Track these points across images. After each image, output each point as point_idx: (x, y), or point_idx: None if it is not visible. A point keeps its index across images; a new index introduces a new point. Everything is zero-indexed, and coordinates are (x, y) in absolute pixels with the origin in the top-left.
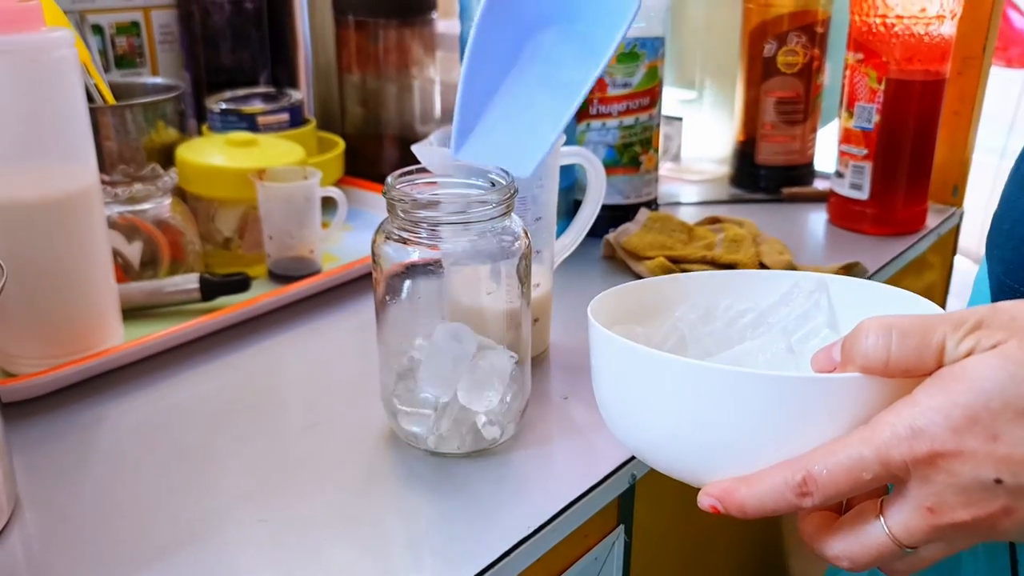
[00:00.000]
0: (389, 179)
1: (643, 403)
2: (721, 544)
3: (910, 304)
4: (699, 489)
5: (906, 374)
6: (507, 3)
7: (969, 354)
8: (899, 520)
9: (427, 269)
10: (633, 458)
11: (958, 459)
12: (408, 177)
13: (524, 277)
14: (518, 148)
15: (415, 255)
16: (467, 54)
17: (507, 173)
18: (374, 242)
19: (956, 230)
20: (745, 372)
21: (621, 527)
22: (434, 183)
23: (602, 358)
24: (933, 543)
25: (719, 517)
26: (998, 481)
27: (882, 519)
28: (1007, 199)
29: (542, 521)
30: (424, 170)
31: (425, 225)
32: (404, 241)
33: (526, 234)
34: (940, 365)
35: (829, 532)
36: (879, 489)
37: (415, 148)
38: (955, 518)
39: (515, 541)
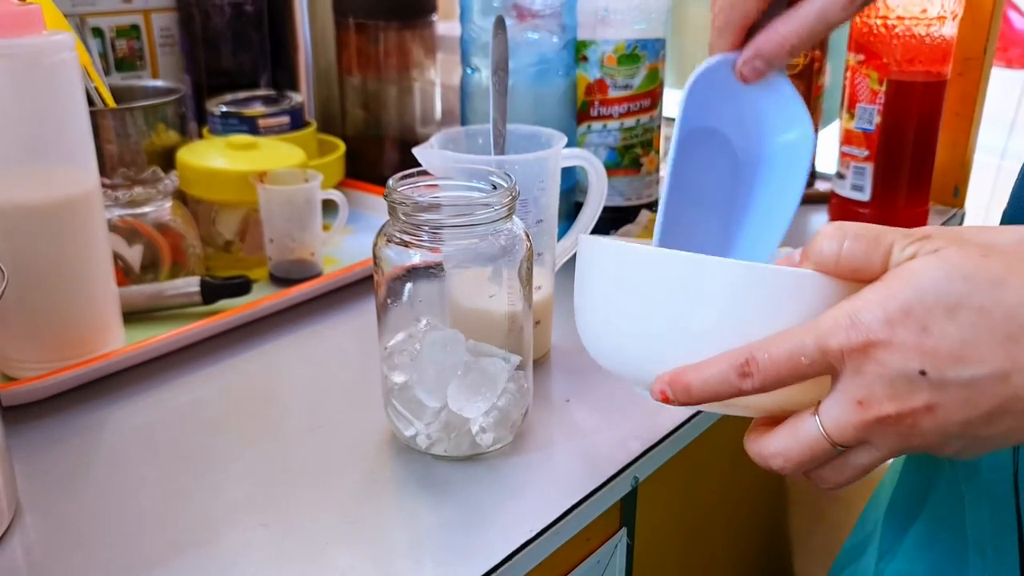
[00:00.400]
0: (390, 182)
1: (602, 295)
2: (723, 546)
3: None
4: (700, 493)
5: (855, 274)
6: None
7: (912, 258)
8: (832, 415)
9: (428, 272)
10: (635, 461)
11: (888, 349)
12: (409, 180)
13: (525, 279)
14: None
15: (416, 258)
16: (668, 178)
17: (508, 176)
18: (375, 245)
19: None
20: (700, 257)
21: (623, 530)
22: (435, 186)
23: (579, 261)
24: (863, 447)
25: (720, 518)
26: (923, 373)
27: (816, 416)
28: (1018, 198)
29: (544, 524)
30: (425, 172)
31: (426, 228)
32: (405, 244)
33: (527, 236)
34: (886, 267)
35: (768, 432)
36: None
37: (416, 151)
38: (882, 411)
39: (517, 544)
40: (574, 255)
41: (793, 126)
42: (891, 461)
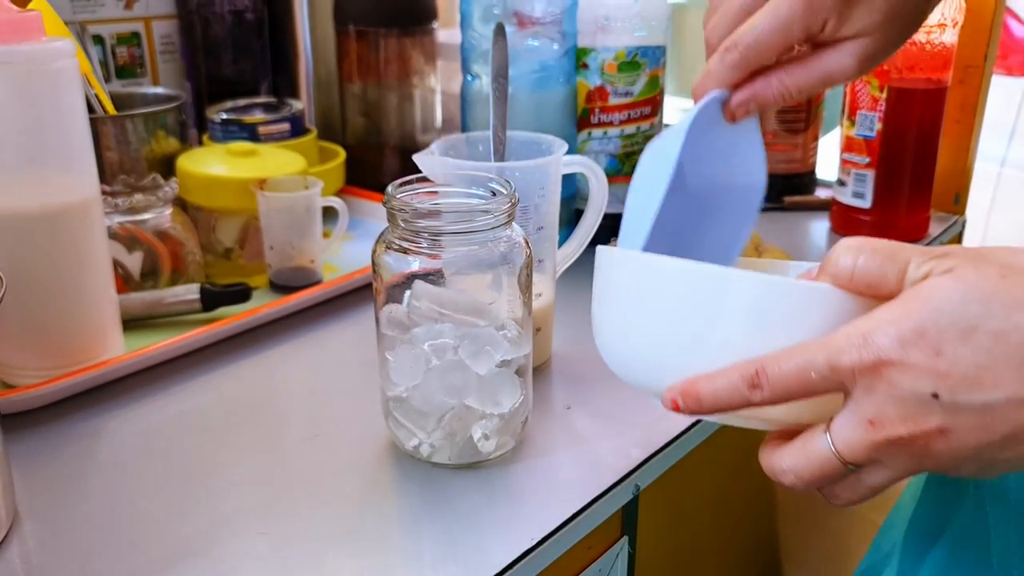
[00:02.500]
0: (389, 188)
1: (621, 305)
2: (724, 556)
3: None
4: (701, 501)
5: (870, 289)
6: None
7: (927, 276)
8: (843, 434)
9: (428, 279)
10: (637, 469)
11: (900, 369)
12: (409, 187)
13: (525, 286)
14: None
15: (416, 265)
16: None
17: (508, 182)
18: (374, 252)
19: (959, 238)
20: (721, 270)
21: (625, 538)
22: (435, 192)
23: (597, 271)
24: (874, 466)
25: (721, 528)
26: (935, 395)
27: (828, 434)
28: None
29: (545, 532)
30: (425, 179)
31: (426, 234)
32: (405, 251)
33: (527, 243)
34: (902, 284)
35: (780, 447)
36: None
37: (416, 158)
38: (893, 432)
39: (518, 553)
40: (575, 263)
41: (752, 171)
42: (910, 479)
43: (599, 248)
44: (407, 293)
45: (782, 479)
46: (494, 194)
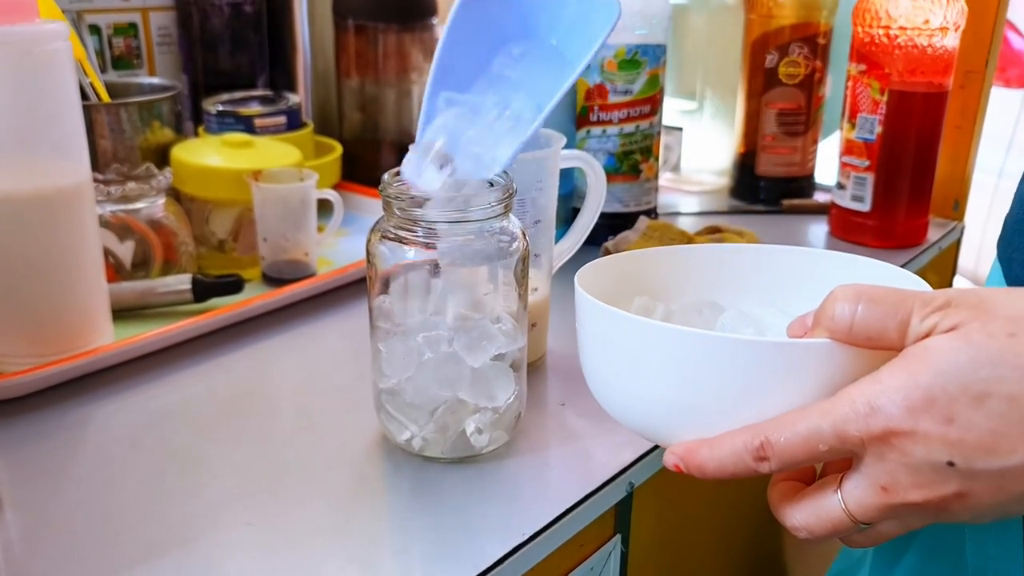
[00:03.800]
0: (386, 177)
1: (617, 364)
2: (718, 557)
3: (905, 282)
4: (695, 500)
5: (869, 342)
6: (476, 19)
7: (930, 332)
8: (854, 496)
9: (423, 269)
10: (631, 466)
11: (911, 439)
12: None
13: (521, 279)
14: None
15: (411, 254)
16: (433, 69)
17: (506, 174)
18: (369, 241)
19: (957, 245)
20: (711, 335)
21: (618, 536)
22: None
23: (582, 320)
24: (888, 520)
25: (715, 529)
26: (951, 464)
27: (839, 493)
28: (1023, 201)
29: (537, 528)
30: None
31: (422, 223)
32: (400, 240)
33: (524, 235)
34: (903, 338)
35: (791, 502)
36: (847, 461)
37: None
38: (907, 498)
39: (509, 548)
40: (572, 259)
41: None
42: None
43: (577, 289)
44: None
45: (795, 533)
46: (491, 185)
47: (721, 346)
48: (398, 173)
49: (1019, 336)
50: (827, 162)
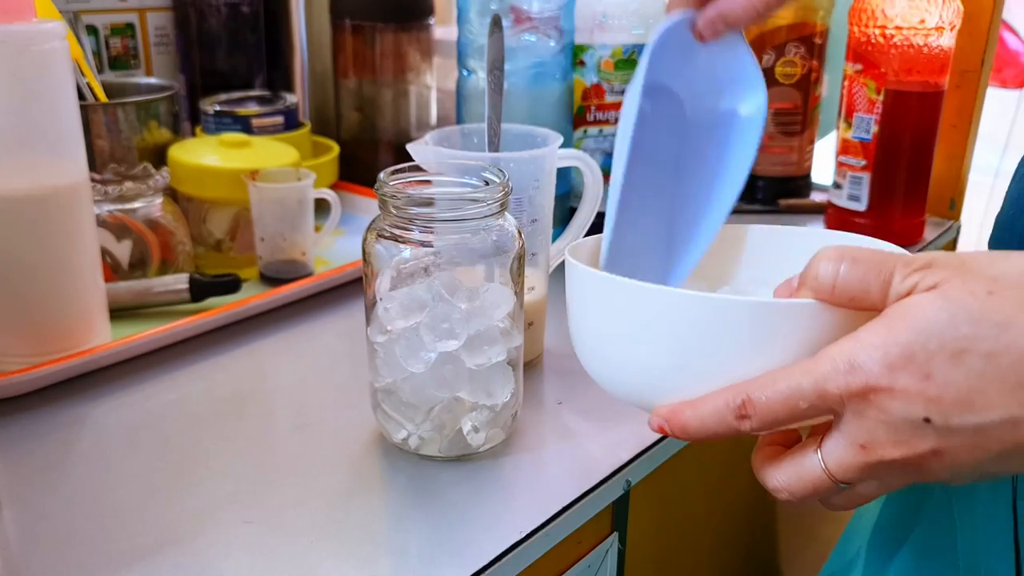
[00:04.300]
0: (382, 175)
1: (603, 328)
2: (715, 556)
3: None
4: (692, 498)
5: (852, 302)
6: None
7: (911, 291)
8: (834, 456)
9: (419, 268)
10: (628, 464)
11: (889, 395)
12: (401, 175)
13: (517, 277)
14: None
15: (407, 253)
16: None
17: (501, 171)
18: (365, 240)
19: (954, 244)
20: (696, 295)
21: (615, 534)
22: (427, 182)
23: (571, 287)
24: (868, 480)
25: (712, 527)
26: (927, 420)
27: (819, 453)
28: (1014, 200)
29: (534, 526)
30: (418, 168)
31: (418, 222)
32: (396, 239)
33: (520, 234)
34: (885, 298)
35: (773, 463)
36: (828, 425)
37: (410, 147)
38: (885, 455)
39: (506, 546)
40: None
41: (749, 92)
42: None
43: (567, 259)
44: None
45: (776, 495)
46: (487, 183)
47: (706, 306)
48: (394, 172)
49: (998, 294)
50: (824, 162)
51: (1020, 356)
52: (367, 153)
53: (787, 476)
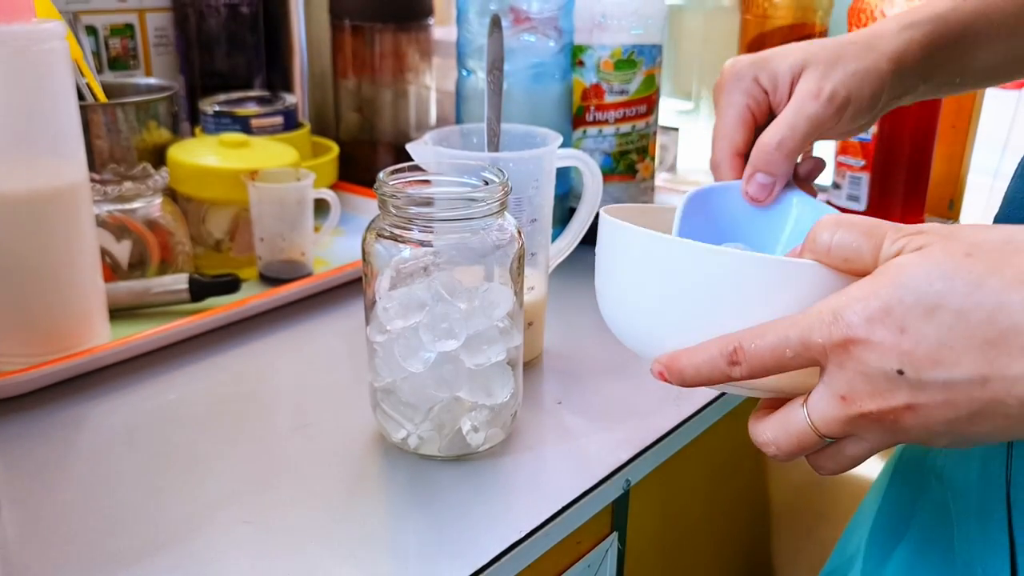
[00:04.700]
0: (381, 175)
1: (617, 275)
2: (715, 553)
3: None
4: (692, 498)
5: (845, 264)
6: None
7: (899, 253)
8: (818, 408)
9: (419, 267)
10: (627, 464)
11: (867, 347)
12: (400, 175)
13: (517, 277)
14: None
15: (406, 253)
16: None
17: (500, 171)
18: (365, 240)
19: None
20: (702, 247)
21: (615, 534)
22: (427, 181)
23: (599, 239)
24: (851, 438)
25: (711, 527)
26: (900, 372)
27: (805, 407)
28: (1012, 201)
29: (534, 526)
30: (417, 168)
31: (418, 221)
32: (395, 238)
33: (519, 233)
34: (876, 260)
35: (764, 420)
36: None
37: (410, 147)
38: (863, 407)
39: (506, 545)
40: (568, 259)
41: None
42: (874, 479)
43: (600, 214)
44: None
45: (764, 450)
46: (487, 183)
47: (708, 257)
48: (394, 171)
49: (975, 256)
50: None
51: (989, 315)
52: (366, 153)
53: (774, 429)
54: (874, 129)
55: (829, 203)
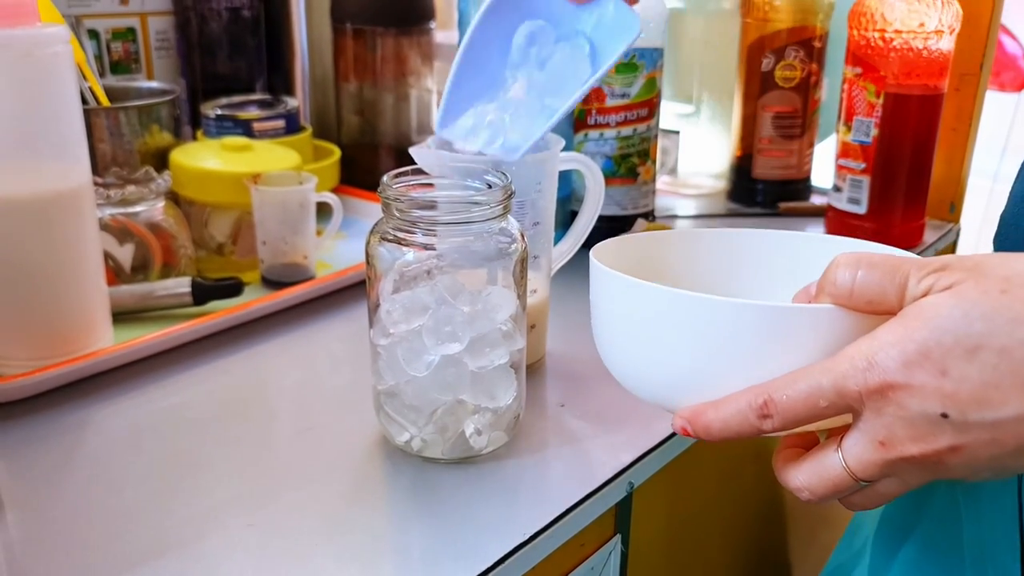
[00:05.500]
0: (385, 178)
1: (627, 331)
2: (718, 558)
3: None
4: (696, 500)
5: (869, 306)
6: (510, 7)
7: (927, 292)
8: (854, 453)
9: (422, 270)
10: (630, 466)
11: (907, 392)
12: (404, 178)
13: (520, 280)
14: (506, 137)
15: (410, 256)
16: (464, 41)
17: (503, 174)
18: (368, 243)
19: (953, 247)
20: (719, 299)
21: (618, 536)
22: (430, 185)
23: (595, 290)
24: (888, 478)
25: (715, 529)
26: (945, 416)
27: (840, 451)
28: (1018, 198)
29: (537, 529)
30: (420, 171)
31: (421, 225)
32: (399, 241)
33: (523, 236)
34: (902, 300)
35: (794, 463)
36: (846, 428)
37: (412, 150)
38: (905, 452)
39: (509, 548)
40: (570, 262)
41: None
42: None
43: (592, 261)
44: (400, 286)
45: (797, 495)
46: (490, 186)
47: (729, 310)
48: (397, 175)
49: (1011, 292)
50: (823, 165)
51: None
52: (368, 157)
53: (808, 475)
54: (874, 132)
55: (829, 206)
